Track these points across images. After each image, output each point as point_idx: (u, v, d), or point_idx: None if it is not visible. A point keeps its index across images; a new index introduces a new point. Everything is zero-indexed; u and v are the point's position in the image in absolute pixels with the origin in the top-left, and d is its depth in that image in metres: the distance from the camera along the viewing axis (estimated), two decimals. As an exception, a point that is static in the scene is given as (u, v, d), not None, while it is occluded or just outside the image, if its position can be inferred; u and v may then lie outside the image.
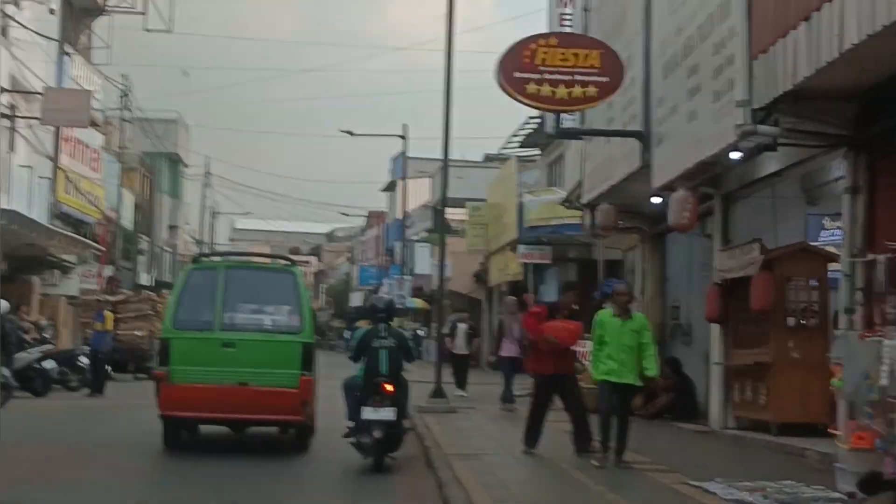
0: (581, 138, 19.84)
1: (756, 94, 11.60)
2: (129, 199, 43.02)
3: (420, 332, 44.01)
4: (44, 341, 22.79)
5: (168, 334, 12.66)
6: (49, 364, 21.20)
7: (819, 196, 14.32)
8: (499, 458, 12.02)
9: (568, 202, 22.62)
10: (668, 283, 18.86)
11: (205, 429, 13.80)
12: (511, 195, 31.96)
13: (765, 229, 14.21)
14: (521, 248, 28.65)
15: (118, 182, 39.79)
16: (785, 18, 10.70)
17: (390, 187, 62.39)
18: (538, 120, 31.15)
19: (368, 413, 11.20)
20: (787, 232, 14.23)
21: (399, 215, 49.36)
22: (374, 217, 70.04)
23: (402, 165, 42.68)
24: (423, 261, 46.69)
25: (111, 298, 27.23)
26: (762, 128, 11.53)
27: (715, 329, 15.08)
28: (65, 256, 30.64)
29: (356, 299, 66.31)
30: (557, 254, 28.32)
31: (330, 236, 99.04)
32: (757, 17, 11.61)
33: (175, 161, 57.27)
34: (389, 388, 11.40)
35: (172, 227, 58.39)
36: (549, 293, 30.65)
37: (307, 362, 12.50)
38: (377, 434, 11.14)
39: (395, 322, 15.14)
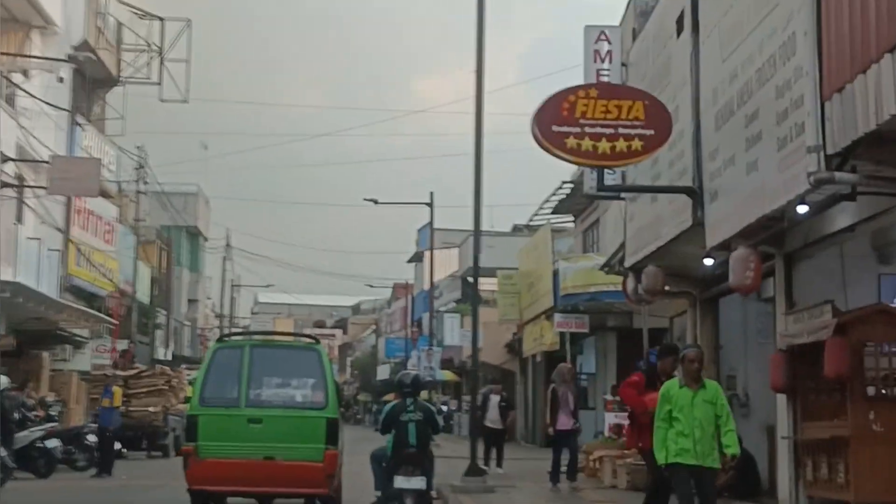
0: (623, 197, 18.75)
1: (830, 138, 10.49)
2: (145, 273, 42.14)
3: (444, 407, 42.95)
4: (49, 419, 21.81)
5: (195, 411, 12.94)
6: (53, 443, 20.17)
7: (893, 254, 13.08)
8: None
9: (608, 267, 21.45)
10: (723, 350, 17.60)
11: (231, 500, 13.79)
12: (545, 262, 30.89)
13: (833, 291, 12.96)
14: (558, 316, 27.50)
15: (134, 255, 38.94)
16: (865, 51, 9.58)
17: (417, 258, 61.60)
18: (570, 184, 30.17)
19: (401, 482, 11.48)
20: (857, 294, 12.93)
21: (426, 286, 48.32)
22: (399, 289, 69.23)
23: (430, 235, 41.71)
24: (452, 332, 45.73)
25: (121, 373, 26.20)
26: (840, 175, 10.38)
27: (781, 400, 13.74)
28: (76, 331, 29.66)
29: (383, 372, 65.26)
30: (595, 322, 27.20)
31: (356, 309, 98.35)
32: (829, 53, 10.52)
33: (194, 234, 56.62)
34: (419, 458, 11.68)
35: (192, 301, 57.57)
36: (588, 363, 29.47)
37: (332, 436, 12.79)
38: (409, 502, 11.45)
39: (423, 395, 15.31)
